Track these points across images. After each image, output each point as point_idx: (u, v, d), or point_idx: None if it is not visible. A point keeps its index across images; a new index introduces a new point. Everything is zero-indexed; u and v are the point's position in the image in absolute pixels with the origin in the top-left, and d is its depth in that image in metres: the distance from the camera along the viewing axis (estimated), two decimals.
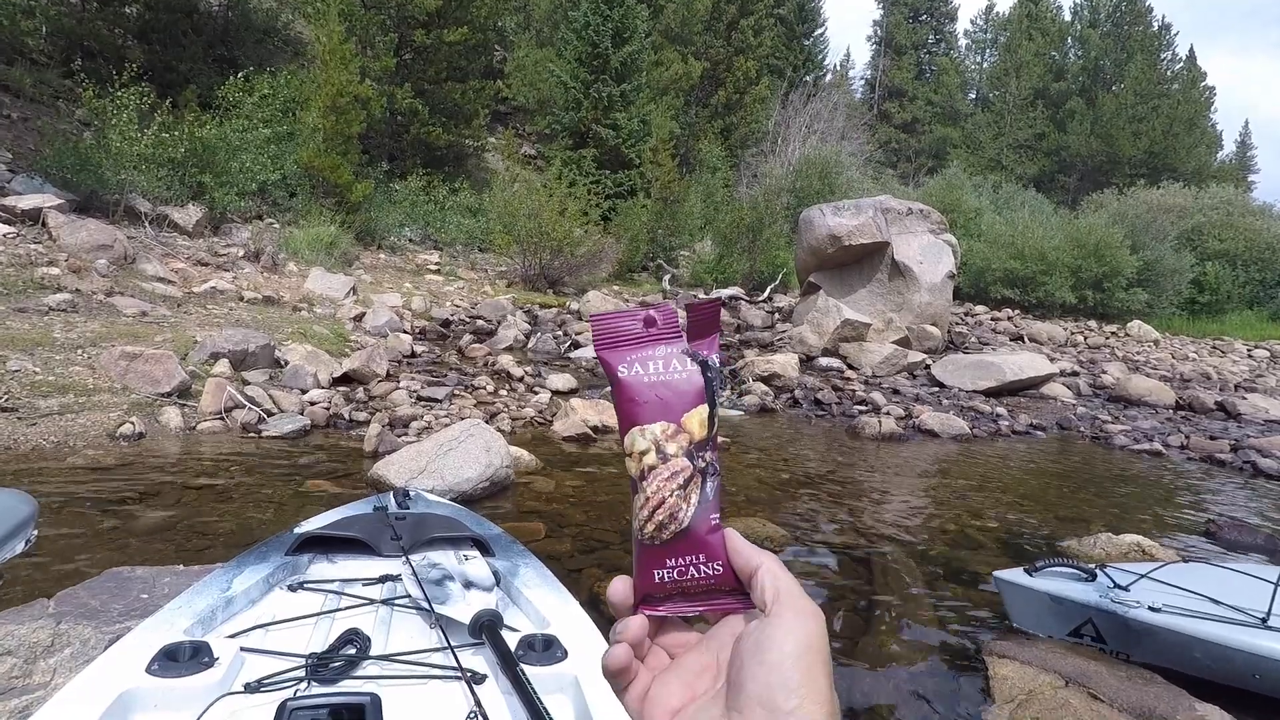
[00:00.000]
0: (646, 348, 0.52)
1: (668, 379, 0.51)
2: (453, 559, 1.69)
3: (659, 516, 0.49)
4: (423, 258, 13.32)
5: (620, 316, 0.53)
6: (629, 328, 0.52)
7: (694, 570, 0.49)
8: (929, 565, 3.77)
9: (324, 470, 4.51)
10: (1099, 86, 35.34)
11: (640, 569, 0.50)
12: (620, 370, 0.51)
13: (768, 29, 26.90)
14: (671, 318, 0.52)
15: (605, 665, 0.47)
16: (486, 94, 16.95)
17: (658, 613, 0.50)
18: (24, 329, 5.61)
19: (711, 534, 0.49)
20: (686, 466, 0.49)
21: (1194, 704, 2.29)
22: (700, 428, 0.50)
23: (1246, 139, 41.83)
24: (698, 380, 0.51)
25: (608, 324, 0.53)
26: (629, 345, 0.52)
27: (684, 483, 0.49)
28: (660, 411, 0.50)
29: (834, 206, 11.50)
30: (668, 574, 0.49)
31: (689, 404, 0.50)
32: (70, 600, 2.00)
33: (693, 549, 0.49)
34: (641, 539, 0.50)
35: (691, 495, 0.49)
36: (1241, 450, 7.00)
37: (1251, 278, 19.85)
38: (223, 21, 14.92)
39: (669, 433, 0.49)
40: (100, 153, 8.95)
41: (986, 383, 9.03)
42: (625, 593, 0.50)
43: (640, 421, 0.50)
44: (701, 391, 0.50)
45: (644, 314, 0.53)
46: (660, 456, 0.49)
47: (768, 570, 0.47)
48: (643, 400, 0.50)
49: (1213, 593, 2.67)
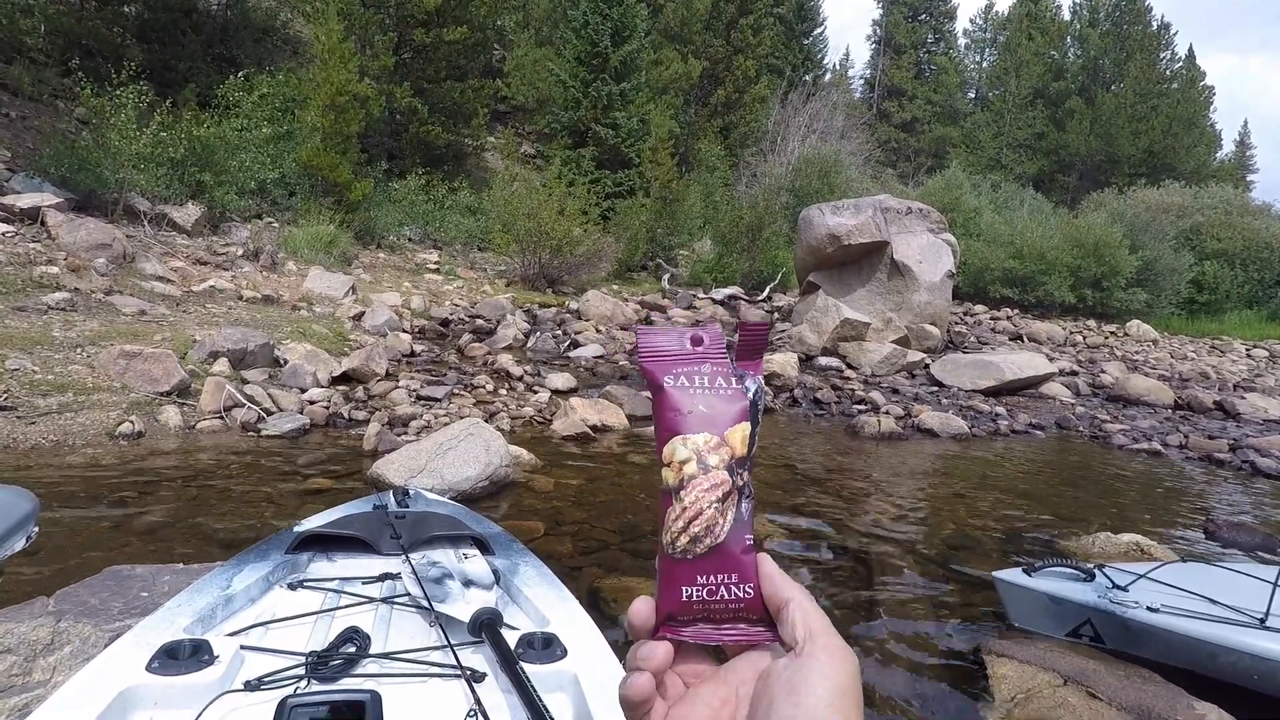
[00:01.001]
0: (693, 364, 0.51)
1: (713, 393, 0.50)
2: (452, 557, 1.69)
3: (695, 528, 0.47)
4: (422, 257, 13.31)
5: (668, 333, 0.53)
6: (675, 344, 0.52)
7: (725, 590, 0.47)
8: (928, 564, 3.77)
9: (323, 469, 4.51)
10: (1098, 86, 35.35)
11: (667, 586, 0.48)
12: (666, 380, 0.51)
13: (767, 28, 26.88)
14: (719, 338, 0.53)
15: (625, 695, 0.45)
16: (486, 93, 16.93)
17: (681, 637, 0.47)
18: (23, 328, 5.61)
19: (745, 554, 0.48)
20: (726, 480, 0.48)
21: (1192, 703, 2.29)
22: (742, 444, 0.49)
23: (1245, 138, 41.93)
24: (743, 399, 0.50)
25: (654, 339, 0.52)
26: (675, 360, 0.52)
27: (723, 496, 0.47)
28: (704, 423, 0.49)
29: (833, 206, 11.52)
30: (697, 592, 0.47)
31: (733, 420, 0.49)
32: (70, 598, 2.00)
33: (726, 567, 0.47)
34: (673, 553, 0.47)
35: (729, 511, 0.47)
36: (1240, 450, 7.01)
37: (1250, 277, 19.87)
38: (221, 20, 14.91)
39: (712, 444, 0.48)
40: (99, 152, 8.94)
41: (985, 382, 9.04)
42: (648, 614, 0.48)
43: (683, 431, 0.49)
44: (746, 410, 0.50)
45: (692, 333, 0.53)
46: (701, 467, 0.48)
47: (799, 605, 0.45)
48: (687, 410, 0.49)
49: (1211, 593, 2.67)
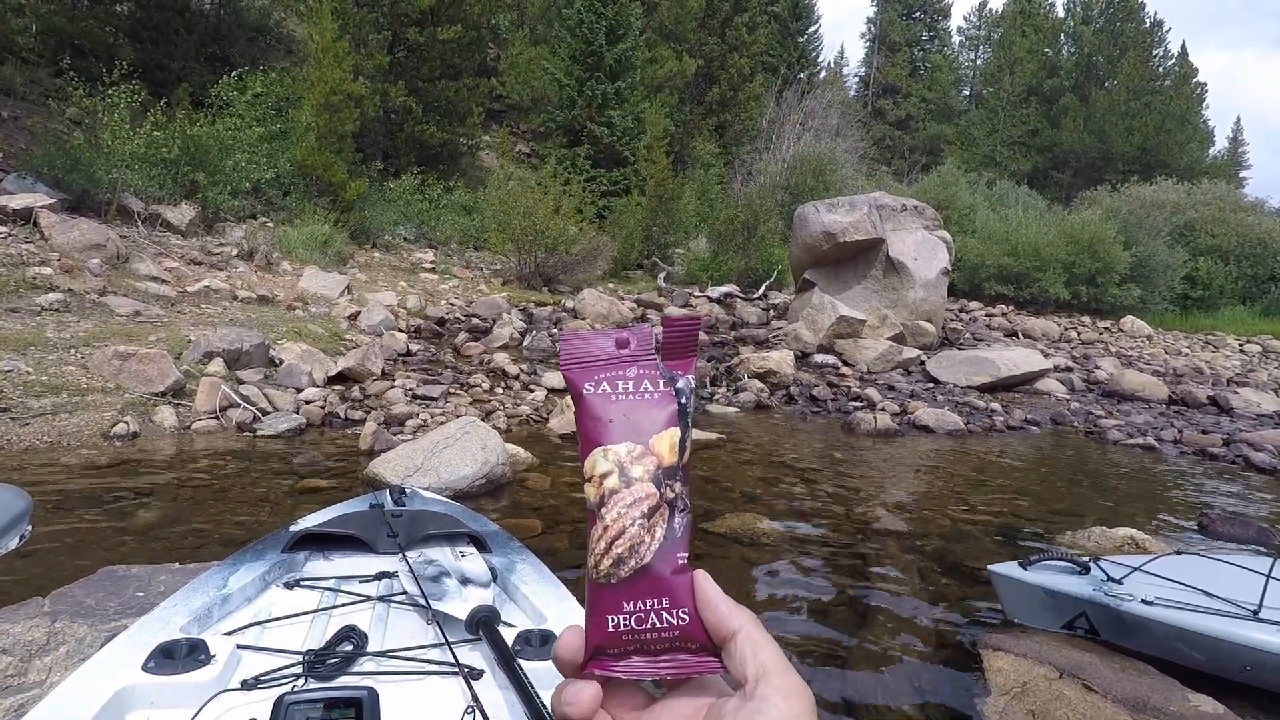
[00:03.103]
0: (618, 368, 0.47)
1: (638, 399, 0.46)
2: (449, 555, 1.69)
3: (617, 549, 0.43)
4: (417, 256, 13.28)
5: (592, 336, 0.48)
6: (600, 348, 0.48)
7: (655, 618, 0.42)
8: (924, 559, 3.79)
9: (319, 468, 4.50)
10: (1092, 83, 35.40)
11: (593, 616, 0.43)
12: (586, 388, 0.46)
13: (762, 26, 26.87)
14: (647, 339, 0.48)
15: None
16: (480, 92, 16.89)
17: (611, 673, 0.43)
18: (16, 329, 5.59)
19: (678, 575, 0.43)
20: (652, 493, 0.44)
21: (1186, 694, 2.31)
22: (671, 452, 0.45)
23: (1238, 135, 42.04)
24: (671, 402, 0.46)
25: (577, 343, 0.48)
26: (599, 365, 0.48)
27: (649, 511, 0.43)
28: (627, 432, 0.45)
29: (829, 203, 11.52)
30: (625, 620, 0.42)
31: (660, 426, 0.45)
32: (65, 598, 1.99)
33: (655, 591, 0.43)
34: (597, 578, 0.43)
35: (656, 528, 0.43)
36: (1233, 444, 7.05)
37: (1243, 273, 19.94)
38: (214, 20, 14.84)
39: (635, 454, 0.44)
40: (92, 152, 8.89)
41: (981, 378, 9.06)
42: (577, 647, 0.43)
43: (603, 442, 0.45)
44: (674, 415, 0.46)
45: (618, 334, 0.48)
46: (623, 480, 0.43)
47: (748, 637, 0.40)
48: (608, 419, 0.45)
49: (1205, 585, 2.69)
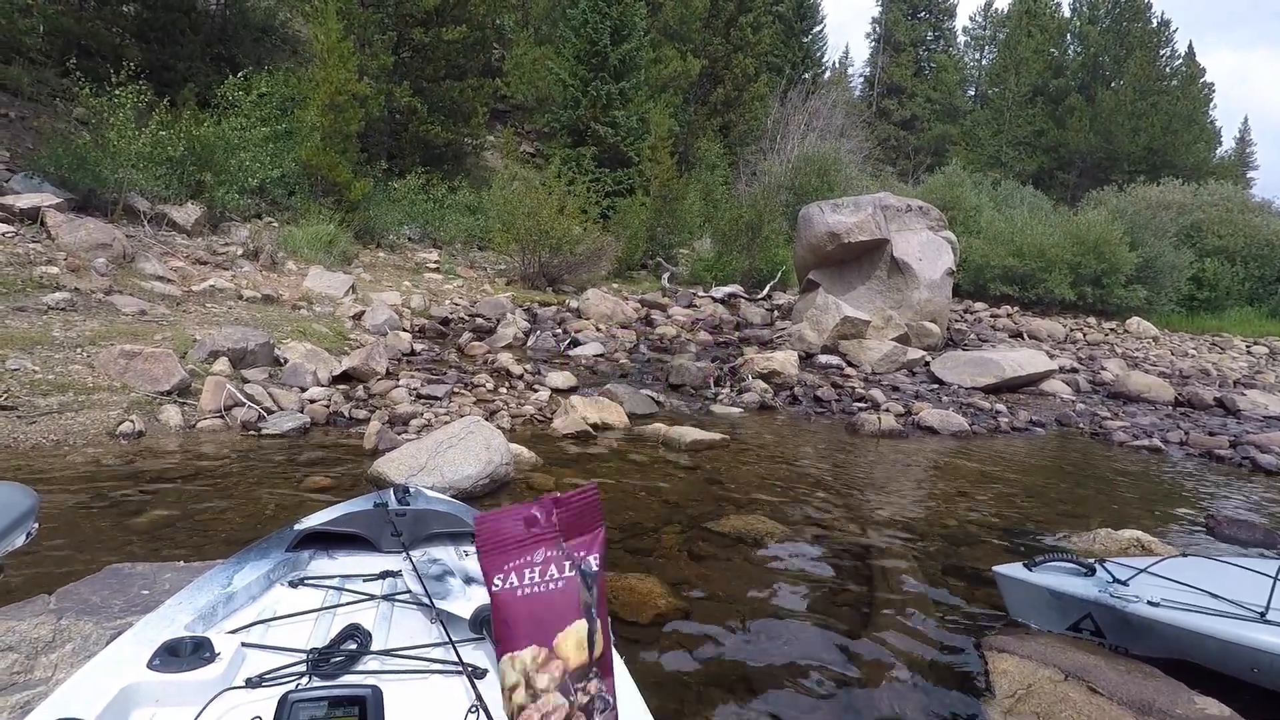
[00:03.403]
0: (526, 552, 0.44)
1: (543, 591, 0.42)
2: (453, 554, 1.69)
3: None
4: (422, 256, 13.30)
5: (503, 516, 0.45)
6: (510, 530, 0.45)
7: None
8: (928, 560, 3.78)
9: (324, 468, 4.51)
10: (1098, 83, 35.29)
11: None
12: (495, 583, 0.43)
13: (766, 26, 26.83)
14: (551, 513, 0.46)
15: None
16: (485, 92, 16.91)
17: None
18: (23, 328, 5.61)
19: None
20: (561, 705, 0.40)
21: (1193, 697, 2.29)
22: (578, 650, 0.41)
23: (1246, 135, 41.88)
24: (574, 592, 0.42)
25: (490, 526, 0.45)
26: (511, 549, 0.44)
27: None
28: (532, 632, 0.41)
29: (833, 204, 11.51)
30: None
31: (564, 621, 0.42)
32: (71, 596, 2.00)
33: None
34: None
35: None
36: (1240, 446, 7.01)
37: (1250, 274, 19.85)
38: (220, 20, 14.88)
39: (540, 661, 0.41)
40: (98, 151, 8.93)
41: (986, 379, 9.03)
42: None
43: (510, 648, 0.42)
44: (578, 605, 0.42)
45: (526, 512, 0.45)
46: (529, 694, 0.40)
47: None
48: (514, 620, 0.42)
49: (1211, 587, 2.67)
